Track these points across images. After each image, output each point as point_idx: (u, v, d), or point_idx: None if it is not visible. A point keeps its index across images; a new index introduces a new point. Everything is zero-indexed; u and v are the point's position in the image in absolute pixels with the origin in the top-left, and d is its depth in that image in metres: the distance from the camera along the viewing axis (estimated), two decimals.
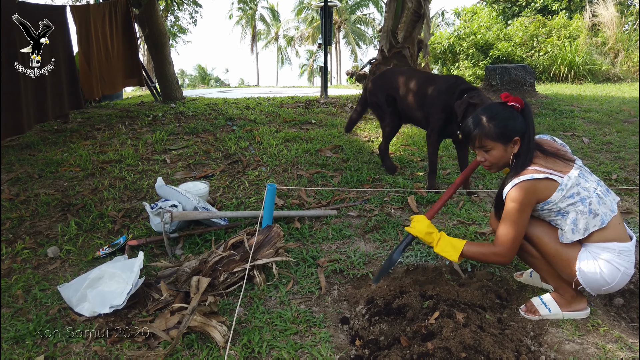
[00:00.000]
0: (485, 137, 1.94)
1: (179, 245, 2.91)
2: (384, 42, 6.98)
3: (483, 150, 1.99)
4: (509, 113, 1.95)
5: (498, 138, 1.93)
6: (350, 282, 2.50)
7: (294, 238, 2.94)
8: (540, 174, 1.85)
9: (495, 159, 1.98)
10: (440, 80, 3.45)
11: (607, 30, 13.60)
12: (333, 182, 3.77)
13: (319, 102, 7.32)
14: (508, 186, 1.90)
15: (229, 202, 3.47)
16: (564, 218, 1.91)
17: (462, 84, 3.28)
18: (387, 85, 3.84)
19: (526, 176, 1.85)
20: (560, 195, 1.86)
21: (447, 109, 3.28)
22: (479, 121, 1.97)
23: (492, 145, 1.95)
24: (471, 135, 1.98)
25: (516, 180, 1.87)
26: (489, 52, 13.03)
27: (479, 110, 2.02)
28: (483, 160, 2.02)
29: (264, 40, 48.22)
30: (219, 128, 5.45)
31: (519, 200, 1.86)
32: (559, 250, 1.94)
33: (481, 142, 1.96)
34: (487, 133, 1.94)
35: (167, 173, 4.04)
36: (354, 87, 13.37)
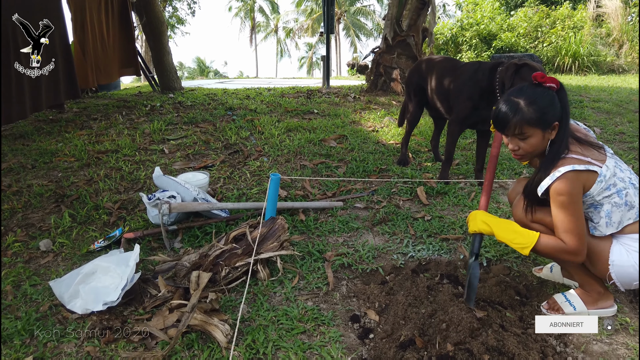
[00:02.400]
0: (526, 123, 1.72)
1: (178, 238, 2.76)
2: (388, 30, 6.80)
3: (519, 138, 1.78)
4: (548, 95, 1.75)
5: (539, 124, 1.72)
6: (359, 278, 2.35)
7: (299, 231, 2.80)
8: (581, 164, 1.69)
9: (532, 147, 1.77)
10: (464, 68, 3.26)
11: (611, 21, 13.43)
12: (338, 172, 3.63)
13: (320, 92, 7.16)
14: (547, 180, 1.72)
15: (230, 193, 3.33)
16: (597, 210, 1.77)
17: (488, 64, 3.09)
18: (417, 75, 3.70)
19: (567, 167, 1.69)
20: (599, 187, 1.72)
21: (474, 96, 3.10)
22: (517, 105, 1.74)
23: (531, 132, 1.74)
24: (509, 122, 1.74)
25: (557, 173, 1.70)
26: (492, 42, 12.85)
27: (513, 94, 1.80)
28: (516, 148, 1.81)
29: (263, 32, 47.88)
30: (218, 118, 5.29)
31: (568, 192, 1.68)
32: (590, 243, 1.79)
33: (520, 129, 1.74)
34: (528, 119, 1.72)
35: (165, 163, 3.89)
36: (355, 78, 13.18)
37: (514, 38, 12.72)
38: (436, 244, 2.60)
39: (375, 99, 6.72)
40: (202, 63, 51.11)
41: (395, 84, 6.93)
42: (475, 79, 3.07)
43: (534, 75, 1.84)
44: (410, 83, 3.72)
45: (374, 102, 6.48)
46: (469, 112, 3.14)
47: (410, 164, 3.84)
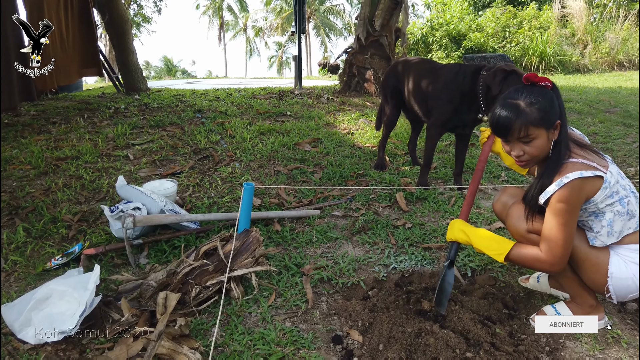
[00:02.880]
0: (530, 124, 1.62)
1: (144, 253, 2.57)
2: (361, 30, 6.70)
3: (523, 142, 1.66)
4: (546, 93, 1.66)
5: (543, 123, 1.63)
6: (340, 292, 2.22)
7: (274, 242, 2.64)
8: (588, 170, 1.60)
9: (538, 149, 1.66)
10: (444, 70, 3.15)
11: (575, 22, 13.75)
12: (314, 178, 3.49)
13: (293, 93, 7.00)
14: (553, 187, 1.62)
15: (200, 202, 3.14)
16: (598, 219, 1.68)
17: (470, 67, 3.00)
18: (394, 77, 3.58)
19: (575, 174, 1.59)
20: (603, 194, 1.63)
21: (455, 100, 3.01)
22: (517, 107, 1.64)
23: (536, 134, 1.64)
24: (512, 125, 1.63)
25: (564, 180, 1.60)
26: (462, 42, 12.96)
27: (510, 96, 1.70)
28: (521, 154, 1.69)
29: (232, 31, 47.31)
30: (187, 121, 5.07)
31: (569, 200, 1.59)
32: (589, 254, 1.71)
33: (526, 130, 1.63)
34: (532, 119, 1.61)
35: (129, 170, 3.66)
36: (327, 78, 13.07)
37: (483, 38, 12.86)
38: (418, 254, 2.49)
39: (349, 100, 6.61)
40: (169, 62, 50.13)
41: (368, 84, 6.83)
42: (456, 81, 2.99)
43: (526, 76, 1.75)
44: (387, 85, 3.61)
45: (348, 103, 6.37)
46: (450, 116, 3.05)
47: (387, 168, 3.73)
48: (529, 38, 12.74)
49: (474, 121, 3.06)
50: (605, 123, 5.11)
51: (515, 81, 2.64)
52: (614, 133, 4.68)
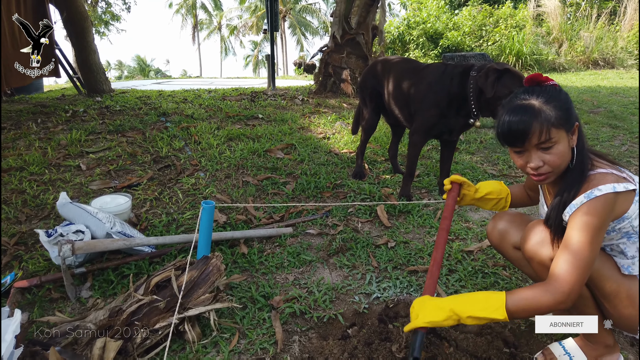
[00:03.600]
0: (552, 125, 1.33)
1: (87, 284, 2.20)
2: (337, 28, 6.39)
3: (542, 148, 1.37)
4: (560, 91, 1.41)
5: (564, 123, 1.35)
6: (315, 329, 1.90)
7: (240, 268, 2.31)
8: (621, 183, 1.32)
9: (560, 157, 1.37)
10: (428, 71, 2.88)
11: (550, 21, 13.75)
12: (286, 189, 3.15)
13: (266, 94, 6.65)
14: (581, 198, 1.34)
15: (157, 219, 2.79)
16: (632, 241, 1.40)
17: (457, 67, 2.74)
18: (372, 78, 3.28)
19: (607, 187, 1.31)
20: (636, 208, 1.35)
21: (441, 103, 2.73)
22: (532, 108, 1.35)
23: (557, 137, 1.35)
24: (530, 128, 1.34)
25: (596, 192, 1.31)
26: (439, 41, 12.80)
27: (519, 98, 1.41)
28: (540, 164, 1.38)
29: (206, 30, 46.56)
30: (149, 125, 4.68)
31: (599, 214, 1.30)
32: (622, 285, 1.42)
33: (548, 133, 1.34)
34: (552, 119, 1.33)
35: (80, 183, 3.27)
36: (302, 77, 12.74)
37: (460, 37, 12.73)
38: (404, 279, 2.19)
39: (324, 101, 6.30)
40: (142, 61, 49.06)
41: (345, 85, 6.53)
42: (442, 83, 2.71)
43: (530, 77, 1.47)
44: (365, 87, 3.30)
45: (324, 105, 6.06)
46: (435, 121, 2.76)
47: (366, 177, 3.43)
48: (506, 37, 12.67)
49: (463, 127, 2.78)
50: (591, 124, 4.92)
51: (509, 81, 2.40)
52: (601, 135, 4.49)
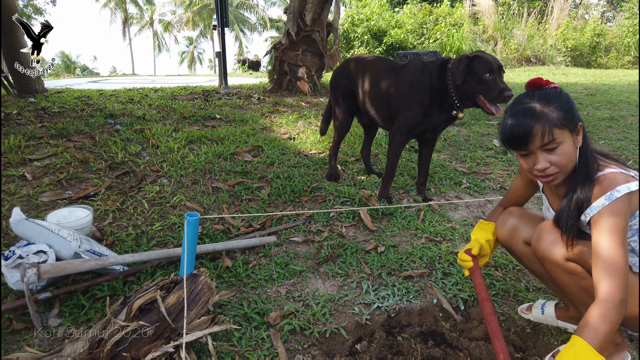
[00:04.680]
0: (554, 126, 1.35)
1: (54, 311, 1.95)
2: (291, 25, 6.24)
3: (547, 150, 1.38)
4: (561, 93, 1.42)
5: (567, 123, 1.37)
6: (318, 346, 1.79)
7: (226, 283, 2.15)
8: (632, 182, 1.33)
9: (566, 157, 1.39)
10: (407, 69, 2.82)
11: (485, 19, 14.35)
12: (262, 195, 3.00)
13: (218, 92, 6.39)
14: (602, 199, 1.34)
15: (124, 232, 2.55)
16: None
17: (434, 63, 2.72)
18: (345, 77, 3.17)
19: (623, 187, 1.32)
20: None
21: (424, 101, 2.69)
22: (534, 110, 1.37)
23: (561, 137, 1.37)
24: (532, 130, 1.35)
25: (615, 193, 1.32)
26: (383, 38, 12.96)
27: (519, 102, 1.43)
28: (547, 166, 1.39)
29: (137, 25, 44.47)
30: (97, 128, 4.32)
31: (624, 214, 1.31)
32: (632, 284, 1.43)
33: (551, 134, 1.35)
34: (554, 120, 1.35)
35: (27, 195, 2.93)
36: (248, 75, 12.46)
37: (402, 34, 12.95)
38: (401, 286, 2.13)
39: (282, 100, 6.14)
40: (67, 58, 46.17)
41: (302, 83, 6.40)
42: (423, 80, 2.68)
43: (532, 81, 1.50)
44: (337, 87, 3.21)
45: (282, 104, 5.90)
46: (419, 120, 2.73)
47: (341, 179, 3.34)
48: (446, 35, 13.06)
49: (447, 122, 2.77)
50: None
51: (478, 66, 2.45)
52: None
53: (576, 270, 1.45)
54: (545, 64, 13.87)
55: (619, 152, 4.25)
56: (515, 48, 13.70)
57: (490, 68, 2.44)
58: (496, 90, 2.44)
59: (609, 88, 8.39)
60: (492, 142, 4.58)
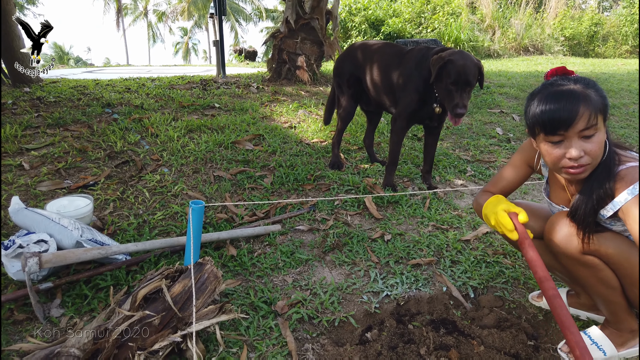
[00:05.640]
0: (597, 111, 1.29)
1: (56, 301, 1.91)
2: (290, 12, 6.15)
3: (585, 136, 1.30)
4: (590, 80, 1.37)
5: (604, 111, 1.32)
6: (327, 335, 1.76)
7: (232, 272, 2.11)
8: None
9: (601, 146, 1.32)
10: (410, 55, 2.78)
11: (483, 8, 14.25)
12: (264, 183, 2.95)
13: (216, 81, 6.31)
14: (625, 194, 1.29)
15: (126, 222, 2.50)
16: None
17: (434, 49, 2.67)
18: (351, 64, 3.12)
19: None
20: None
21: (419, 88, 2.66)
22: (575, 92, 1.29)
23: (599, 125, 1.30)
24: (578, 112, 1.27)
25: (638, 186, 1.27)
26: (381, 28, 12.85)
27: (552, 85, 1.35)
28: (581, 154, 1.31)
29: (132, 15, 44.02)
30: (94, 117, 4.25)
31: None
32: None
33: (595, 118, 1.28)
34: (596, 104, 1.29)
35: (26, 185, 2.88)
36: (245, 65, 12.35)
37: (400, 23, 12.85)
38: (409, 274, 2.10)
39: (281, 89, 6.07)
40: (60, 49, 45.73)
41: (301, 72, 6.33)
42: (421, 68, 2.65)
43: (555, 70, 1.44)
44: (342, 73, 3.15)
45: (282, 93, 5.83)
46: (416, 107, 2.72)
47: (344, 167, 3.30)
48: (444, 24, 12.96)
49: (443, 112, 2.73)
50: None
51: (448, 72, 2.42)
52: None
53: (593, 263, 1.42)
54: (543, 53, 13.81)
55: (623, 140, 4.23)
56: (513, 37, 13.63)
57: (455, 79, 2.41)
58: (450, 103, 2.44)
59: (609, 77, 8.36)
60: (495, 130, 4.54)
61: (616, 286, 1.44)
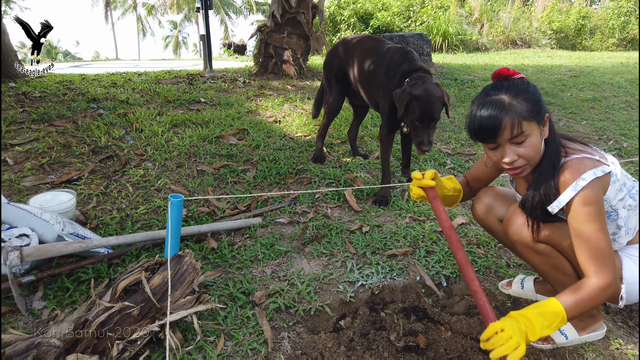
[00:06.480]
0: (523, 118, 1.35)
1: (38, 293, 1.96)
2: (276, 7, 6.17)
3: (516, 142, 1.39)
4: (528, 84, 1.42)
5: (534, 116, 1.37)
6: (303, 323, 1.82)
7: (212, 264, 2.16)
8: (598, 167, 1.36)
9: (534, 149, 1.39)
10: (386, 58, 2.73)
11: (472, 2, 14.30)
12: (247, 177, 3.00)
13: (203, 76, 6.32)
14: (569, 192, 1.35)
15: (108, 216, 2.54)
16: (612, 219, 1.47)
17: (405, 63, 2.62)
18: (337, 58, 3.13)
19: (588, 174, 1.34)
20: (614, 189, 1.41)
21: (390, 98, 2.63)
22: (502, 102, 1.36)
23: (529, 130, 1.37)
24: (501, 123, 1.35)
25: (581, 182, 1.33)
26: (370, 21, 12.87)
27: (487, 94, 1.41)
28: (515, 158, 1.40)
29: (121, 9, 43.58)
30: (79, 113, 4.26)
31: (596, 200, 1.34)
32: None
33: (519, 127, 1.35)
34: (523, 112, 1.35)
35: (9, 180, 2.90)
36: (234, 59, 12.32)
37: (389, 17, 12.87)
38: (384, 264, 2.16)
39: (268, 83, 6.09)
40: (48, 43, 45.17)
41: (287, 66, 6.35)
42: (393, 78, 2.62)
43: (498, 72, 1.50)
44: (330, 67, 3.17)
45: (268, 87, 5.86)
46: (389, 112, 2.67)
47: (327, 161, 3.34)
48: (432, 17, 13.01)
49: None
50: None
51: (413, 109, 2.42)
52: None
53: (546, 251, 1.50)
54: (531, 46, 13.92)
55: (600, 133, 4.32)
56: (501, 31, 13.72)
57: (420, 117, 2.42)
58: (416, 139, 2.47)
59: (592, 70, 8.47)
60: None
61: (570, 273, 1.52)
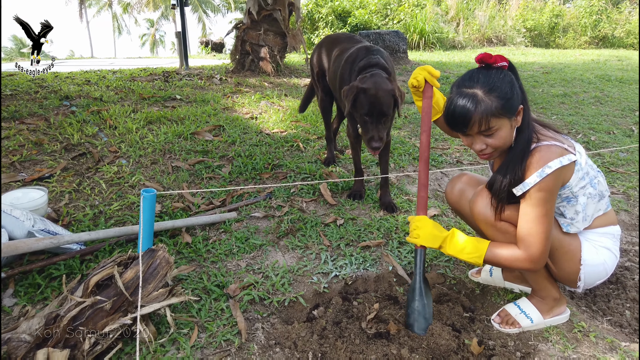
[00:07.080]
0: (491, 115, 1.41)
1: (9, 291, 1.93)
2: (252, 4, 6.15)
3: (485, 134, 1.46)
4: (505, 77, 1.46)
5: (505, 112, 1.43)
6: (277, 314, 1.84)
7: (186, 258, 2.16)
8: (564, 156, 1.43)
9: (502, 140, 1.47)
10: (351, 55, 2.64)
11: (448, 0, 14.48)
12: (223, 173, 3.00)
13: (179, 73, 6.27)
14: (534, 177, 1.43)
15: (81, 213, 2.51)
16: (571, 204, 1.55)
17: (364, 60, 2.52)
18: (317, 55, 3.12)
19: (555, 162, 1.41)
20: (577, 177, 1.49)
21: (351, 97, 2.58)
22: (475, 97, 1.42)
23: (498, 125, 1.44)
24: (471, 118, 1.42)
25: (546, 170, 1.41)
26: (347, 19, 12.92)
27: (464, 84, 1.47)
28: (483, 147, 1.49)
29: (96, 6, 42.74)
30: (51, 110, 4.19)
31: (550, 188, 1.42)
32: (562, 242, 1.58)
33: (487, 123, 1.43)
34: (492, 110, 1.41)
35: None
36: (211, 57, 12.23)
37: (367, 15, 12.95)
38: (358, 255, 2.20)
39: (244, 80, 6.08)
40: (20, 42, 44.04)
41: (264, 63, 6.35)
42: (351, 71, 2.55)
43: (480, 57, 1.54)
44: (312, 66, 3.17)
45: (245, 84, 5.85)
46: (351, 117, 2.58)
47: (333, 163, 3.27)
48: (409, 15, 13.12)
49: None
50: None
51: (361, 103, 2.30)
52: None
53: (507, 230, 1.57)
54: (506, 44, 14.17)
55: (570, 127, 4.44)
56: (477, 29, 13.93)
57: (368, 111, 2.28)
58: (366, 136, 2.33)
59: (564, 67, 8.68)
60: None
61: None
